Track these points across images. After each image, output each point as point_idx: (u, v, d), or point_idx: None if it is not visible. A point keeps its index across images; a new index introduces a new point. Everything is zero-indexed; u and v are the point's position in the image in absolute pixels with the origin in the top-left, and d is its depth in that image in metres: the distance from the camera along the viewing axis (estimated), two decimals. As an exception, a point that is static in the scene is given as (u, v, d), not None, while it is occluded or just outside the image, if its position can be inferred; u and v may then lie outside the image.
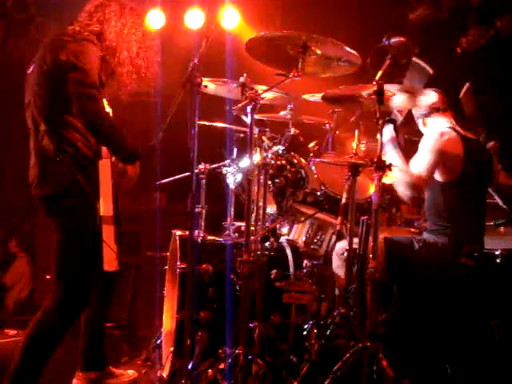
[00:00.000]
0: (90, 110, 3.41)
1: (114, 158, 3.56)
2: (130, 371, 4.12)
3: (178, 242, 4.03)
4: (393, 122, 3.72)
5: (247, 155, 3.58)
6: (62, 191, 3.45)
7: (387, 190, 4.20)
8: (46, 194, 3.50)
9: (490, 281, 3.86)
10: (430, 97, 3.79)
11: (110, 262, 3.41)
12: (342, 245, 3.87)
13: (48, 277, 4.19)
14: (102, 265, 3.42)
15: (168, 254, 4.40)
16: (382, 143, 3.38)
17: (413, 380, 3.35)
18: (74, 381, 3.87)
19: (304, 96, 4.35)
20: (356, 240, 3.63)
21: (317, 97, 4.12)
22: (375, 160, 3.35)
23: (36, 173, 3.52)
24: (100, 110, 3.45)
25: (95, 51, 3.55)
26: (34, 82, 3.55)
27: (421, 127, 4.15)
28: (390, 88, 3.48)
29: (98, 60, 3.54)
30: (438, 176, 3.89)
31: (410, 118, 4.18)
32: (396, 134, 3.72)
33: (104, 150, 3.54)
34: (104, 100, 3.63)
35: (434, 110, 4.03)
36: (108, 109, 3.72)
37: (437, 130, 3.97)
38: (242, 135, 4.27)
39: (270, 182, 3.86)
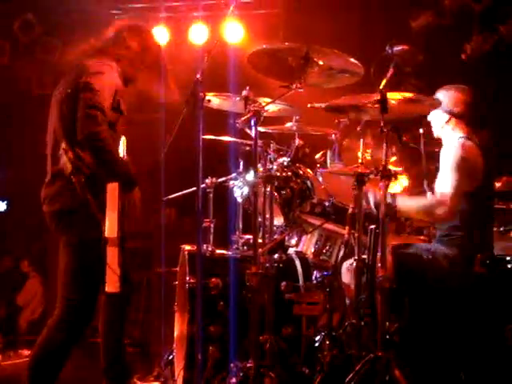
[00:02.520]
0: (86, 129, 3.47)
1: None
2: None
3: (186, 256, 4.03)
4: (397, 130, 3.69)
5: (252, 168, 3.59)
6: (71, 209, 3.57)
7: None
8: (55, 210, 3.63)
9: (502, 286, 3.84)
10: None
11: (112, 284, 3.49)
12: (349, 263, 3.85)
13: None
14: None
15: (177, 269, 4.40)
16: (386, 153, 3.38)
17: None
18: None
19: (310, 105, 4.34)
20: None
21: (322, 104, 4.11)
22: (381, 169, 3.35)
23: (49, 190, 3.65)
24: (96, 132, 3.48)
25: (113, 75, 3.67)
26: (60, 103, 3.66)
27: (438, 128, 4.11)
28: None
29: (114, 84, 3.66)
30: None
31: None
32: (401, 142, 3.70)
33: None
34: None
35: (453, 114, 3.99)
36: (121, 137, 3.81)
37: (455, 142, 3.93)
38: (247, 148, 4.27)
39: (276, 194, 3.85)
